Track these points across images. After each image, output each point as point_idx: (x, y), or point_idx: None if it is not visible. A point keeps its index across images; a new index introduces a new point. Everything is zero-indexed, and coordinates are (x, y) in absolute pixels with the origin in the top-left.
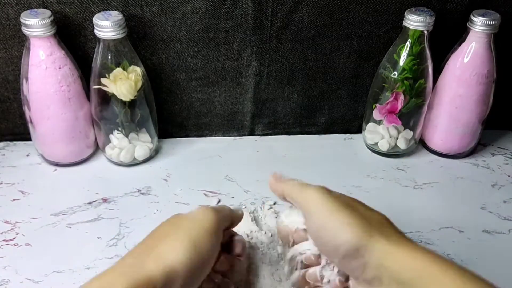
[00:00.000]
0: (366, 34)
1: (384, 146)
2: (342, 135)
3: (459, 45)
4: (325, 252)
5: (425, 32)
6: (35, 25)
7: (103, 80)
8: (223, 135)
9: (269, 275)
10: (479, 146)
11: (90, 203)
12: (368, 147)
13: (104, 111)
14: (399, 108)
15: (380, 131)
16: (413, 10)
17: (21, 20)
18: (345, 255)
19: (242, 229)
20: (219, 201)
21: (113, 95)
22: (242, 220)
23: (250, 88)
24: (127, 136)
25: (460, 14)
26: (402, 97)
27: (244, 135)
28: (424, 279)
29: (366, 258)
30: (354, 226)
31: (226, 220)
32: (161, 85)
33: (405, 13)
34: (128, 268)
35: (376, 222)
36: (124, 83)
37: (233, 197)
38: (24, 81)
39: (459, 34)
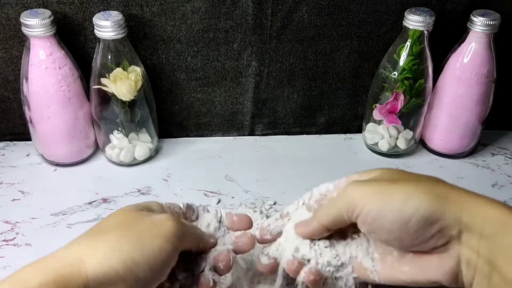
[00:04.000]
0: (366, 34)
1: (384, 146)
2: (342, 135)
3: (459, 45)
4: (392, 237)
5: (425, 32)
6: (35, 25)
7: (103, 80)
8: (223, 135)
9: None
10: (479, 146)
11: (90, 203)
12: (368, 147)
13: (104, 111)
14: (399, 108)
15: (380, 131)
16: (413, 10)
17: (21, 20)
18: (418, 227)
19: None
20: (219, 201)
21: (113, 95)
22: None
23: (250, 88)
24: (127, 136)
25: (460, 14)
26: (402, 97)
27: (244, 135)
28: (510, 230)
29: (443, 221)
30: (418, 192)
31: (191, 239)
32: (161, 85)
33: (405, 13)
34: (57, 261)
35: (438, 184)
36: (124, 83)
37: (233, 197)
38: (24, 81)
39: (459, 34)
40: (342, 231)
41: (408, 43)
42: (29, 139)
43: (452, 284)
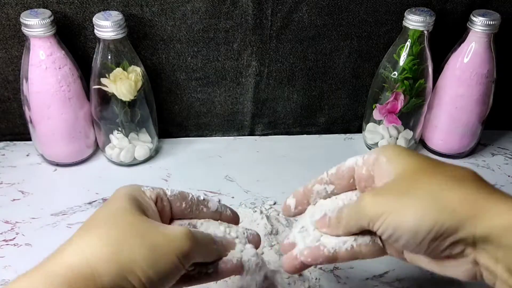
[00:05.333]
0: (366, 34)
1: None
2: (342, 135)
3: (459, 45)
4: (409, 249)
5: (425, 32)
6: (35, 25)
7: (103, 80)
8: (223, 135)
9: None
10: (479, 146)
11: (90, 203)
12: (368, 147)
13: (104, 111)
14: (399, 108)
15: (380, 131)
16: (413, 10)
17: (21, 20)
18: (430, 243)
19: None
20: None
21: (113, 95)
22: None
23: (250, 88)
24: (127, 136)
25: (460, 14)
26: (402, 97)
27: (244, 135)
28: None
29: (456, 235)
30: (432, 210)
31: (202, 255)
32: (161, 85)
33: (405, 13)
34: (69, 271)
35: (459, 188)
36: (124, 83)
37: (233, 197)
38: (24, 81)
39: (459, 34)
40: None
41: (408, 43)
42: (29, 139)
43: (472, 281)
